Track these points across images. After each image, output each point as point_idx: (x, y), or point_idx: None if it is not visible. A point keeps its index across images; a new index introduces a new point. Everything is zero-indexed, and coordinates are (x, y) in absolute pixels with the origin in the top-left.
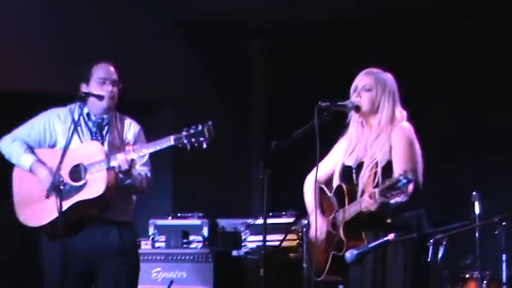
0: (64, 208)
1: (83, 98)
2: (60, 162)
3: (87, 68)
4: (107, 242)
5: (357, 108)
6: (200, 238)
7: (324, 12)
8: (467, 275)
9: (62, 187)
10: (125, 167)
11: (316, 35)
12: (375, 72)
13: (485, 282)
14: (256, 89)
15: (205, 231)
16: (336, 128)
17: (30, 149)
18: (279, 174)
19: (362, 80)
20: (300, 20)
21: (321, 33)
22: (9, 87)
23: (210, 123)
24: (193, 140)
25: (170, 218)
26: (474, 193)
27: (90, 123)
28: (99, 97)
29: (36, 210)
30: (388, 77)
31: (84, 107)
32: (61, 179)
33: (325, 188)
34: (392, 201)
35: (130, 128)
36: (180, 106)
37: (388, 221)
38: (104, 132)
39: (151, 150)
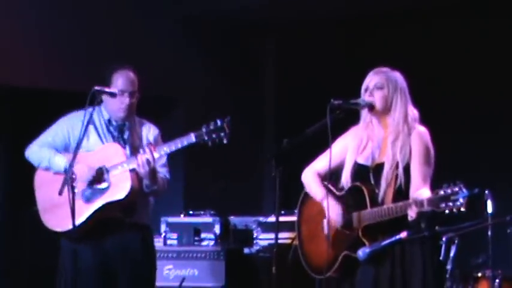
0: (91, 212)
1: (95, 96)
2: (73, 159)
3: (108, 71)
4: (128, 244)
5: (370, 106)
6: (212, 236)
7: (336, 10)
8: (479, 274)
9: (74, 184)
10: (145, 168)
11: (329, 33)
12: (384, 71)
13: (497, 281)
14: (269, 86)
15: (217, 228)
16: (347, 126)
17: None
18: (291, 172)
19: (373, 79)
20: (312, 18)
21: (333, 31)
22: (25, 83)
23: (228, 118)
24: (214, 135)
25: (182, 215)
26: (486, 192)
27: (111, 128)
28: (112, 94)
29: (61, 215)
30: (398, 75)
31: (101, 110)
32: (73, 175)
33: (327, 184)
34: (446, 211)
35: (150, 131)
36: (192, 103)
37: (423, 225)
38: (126, 136)
39: (173, 148)
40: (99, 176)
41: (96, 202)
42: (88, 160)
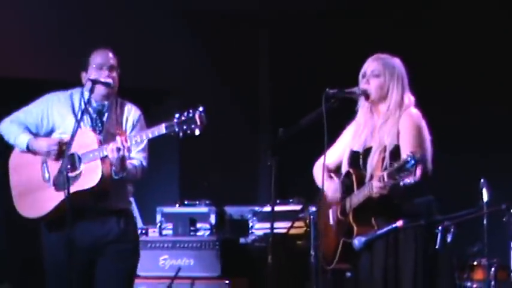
0: (60, 199)
1: (91, 85)
2: (69, 147)
3: (87, 54)
4: (104, 231)
5: (365, 95)
6: (207, 226)
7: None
8: (474, 263)
9: (70, 174)
10: (114, 155)
11: (323, 24)
12: (383, 58)
13: (492, 269)
14: (263, 77)
15: (212, 218)
16: (343, 115)
17: (29, 131)
18: (287, 162)
19: (370, 65)
20: (306, 9)
21: (328, 21)
22: (11, 74)
23: (201, 109)
24: (184, 127)
25: (177, 205)
26: (482, 180)
27: (90, 109)
28: (107, 84)
29: (36, 200)
30: (396, 62)
31: (83, 92)
32: (68, 166)
33: (334, 176)
34: (401, 183)
35: (131, 114)
36: (186, 95)
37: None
38: (104, 119)
39: (144, 138)
40: (71, 163)
41: (66, 190)
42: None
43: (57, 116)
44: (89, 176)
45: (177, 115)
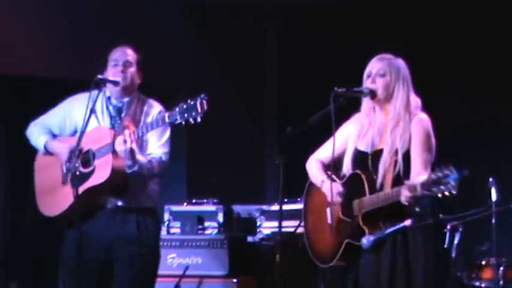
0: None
1: (99, 84)
2: (77, 145)
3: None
4: (125, 230)
5: (373, 94)
6: (215, 224)
7: None
8: (483, 262)
9: (77, 173)
10: (121, 148)
11: (330, 20)
12: (387, 58)
13: (501, 268)
14: (270, 74)
15: (220, 217)
16: (350, 114)
17: (51, 134)
18: (294, 160)
19: (375, 65)
20: (314, 5)
21: (335, 18)
22: (24, 72)
23: (202, 96)
24: (186, 115)
25: (185, 204)
26: (491, 179)
27: (110, 107)
28: (115, 83)
29: (55, 199)
30: (401, 62)
31: (104, 91)
32: (77, 165)
33: (335, 177)
34: (439, 195)
35: (151, 110)
36: (193, 92)
37: (417, 209)
38: (123, 116)
39: (150, 129)
40: (87, 159)
41: (82, 186)
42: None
43: (79, 116)
44: (101, 171)
45: (180, 103)
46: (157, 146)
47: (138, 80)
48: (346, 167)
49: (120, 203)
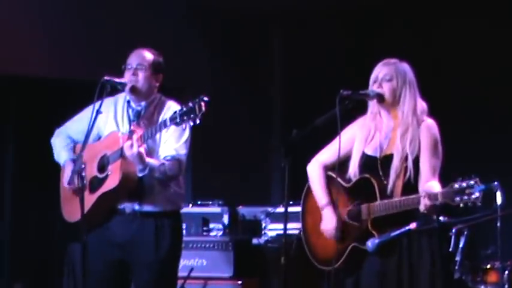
0: (92, 202)
1: (105, 86)
2: (82, 149)
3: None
4: (142, 235)
5: (379, 97)
6: (220, 226)
7: (345, 0)
8: (488, 266)
9: (83, 174)
10: (128, 152)
11: (337, 24)
12: (393, 63)
13: (506, 272)
14: (276, 77)
15: (225, 219)
16: (356, 117)
17: (73, 143)
18: (300, 163)
19: (382, 70)
20: (320, 8)
21: (342, 22)
22: (29, 72)
23: (202, 98)
24: (185, 118)
25: (190, 205)
26: (496, 183)
27: (130, 111)
28: (121, 85)
29: (75, 205)
30: (406, 66)
31: (125, 95)
32: (82, 166)
33: (334, 175)
34: (461, 204)
35: (167, 112)
36: (198, 93)
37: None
38: (140, 120)
39: (154, 132)
40: (103, 164)
41: (97, 192)
42: (95, 149)
43: (101, 122)
44: (113, 176)
45: (181, 105)
46: (174, 147)
47: (156, 83)
48: (353, 171)
49: (136, 207)
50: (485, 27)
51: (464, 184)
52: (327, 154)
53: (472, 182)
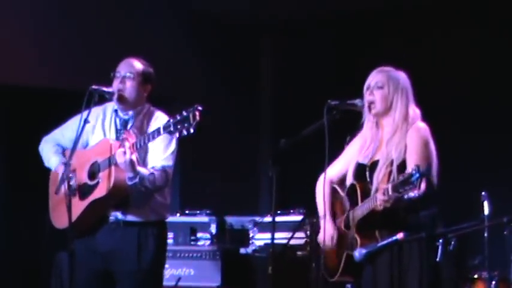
0: (82, 209)
1: (93, 95)
2: (70, 157)
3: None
4: (123, 244)
5: (368, 107)
6: (208, 235)
7: (334, 10)
8: (475, 275)
9: (71, 182)
10: (121, 160)
11: (326, 33)
12: (387, 70)
13: (493, 282)
14: (265, 87)
15: (213, 228)
16: (345, 127)
17: (62, 149)
18: (288, 172)
19: (374, 78)
20: (309, 18)
21: (331, 31)
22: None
23: (196, 107)
24: (179, 126)
25: (178, 214)
26: (483, 193)
27: (117, 120)
28: (109, 94)
29: (62, 212)
30: (401, 74)
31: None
32: (70, 175)
33: (338, 188)
34: (405, 196)
35: (156, 122)
36: (188, 103)
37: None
38: (129, 129)
39: (146, 141)
40: (94, 171)
41: (87, 199)
42: (85, 156)
43: (89, 130)
44: (104, 183)
45: (175, 114)
46: (161, 158)
47: (144, 93)
48: (348, 180)
49: (120, 216)
50: (476, 36)
51: (406, 175)
52: (333, 169)
53: (411, 171)
